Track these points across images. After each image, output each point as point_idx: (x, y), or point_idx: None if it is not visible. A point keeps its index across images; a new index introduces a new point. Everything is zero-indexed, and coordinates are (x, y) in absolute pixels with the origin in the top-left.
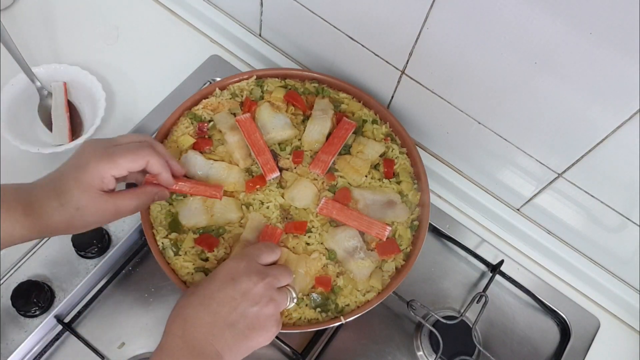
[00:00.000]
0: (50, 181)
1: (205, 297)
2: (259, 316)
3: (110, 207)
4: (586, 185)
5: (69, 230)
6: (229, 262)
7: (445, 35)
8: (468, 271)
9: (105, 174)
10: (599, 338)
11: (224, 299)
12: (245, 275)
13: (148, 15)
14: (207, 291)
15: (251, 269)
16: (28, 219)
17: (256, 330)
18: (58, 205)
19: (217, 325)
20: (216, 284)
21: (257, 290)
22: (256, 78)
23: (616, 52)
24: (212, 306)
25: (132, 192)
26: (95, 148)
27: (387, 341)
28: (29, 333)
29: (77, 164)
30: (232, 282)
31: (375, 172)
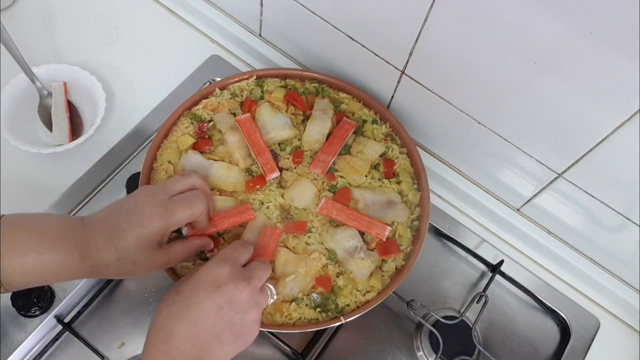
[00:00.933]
0: (108, 231)
1: (189, 307)
2: (243, 323)
3: (163, 261)
4: (586, 185)
5: (120, 277)
6: (211, 267)
7: (445, 35)
8: (468, 271)
9: (166, 231)
10: (599, 338)
11: (209, 309)
12: (231, 282)
13: (148, 15)
14: (190, 300)
15: (236, 275)
16: (84, 263)
17: (241, 337)
18: (116, 259)
19: (203, 338)
20: (200, 292)
21: (243, 297)
22: (256, 78)
23: (616, 52)
24: (198, 317)
25: (182, 245)
26: (154, 204)
27: (387, 341)
28: (29, 333)
29: (136, 221)
30: (218, 290)
31: (375, 172)
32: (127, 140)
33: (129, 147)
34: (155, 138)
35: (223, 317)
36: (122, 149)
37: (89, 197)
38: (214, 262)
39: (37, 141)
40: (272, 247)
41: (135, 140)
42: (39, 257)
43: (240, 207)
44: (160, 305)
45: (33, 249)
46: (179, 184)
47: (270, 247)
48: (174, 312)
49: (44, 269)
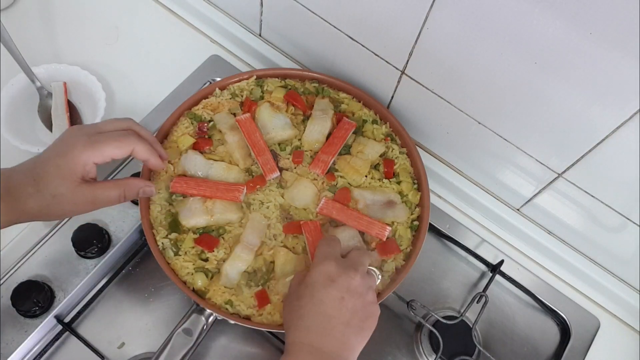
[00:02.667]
0: (31, 166)
1: (315, 305)
2: (365, 306)
3: (88, 196)
4: (586, 185)
5: (44, 217)
6: (318, 267)
7: (445, 35)
8: (468, 271)
9: (88, 161)
10: (599, 338)
11: (332, 302)
12: (343, 273)
13: (148, 15)
14: (314, 299)
15: (343, 266)
16: (4, 204)
17: (367, 319)
18: (34, 191)
19: (337, 329)
20: (320, 290)
21: (356, 283)
22: (256, 78)
23: (616, 52)
24: (326, 312)
25: (113, 183)
26: (78, 135)
27: (387, 341)
28: (29, 333)
29: (59, 151)
30: (334, 284)
31: (375, 172)
32: None
33: None
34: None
35: (347, 306)
36: None
37: None
38: (318, 262)
39: (37, 141)
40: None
41: None
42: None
43: (232, 185)
44: (287, 314)
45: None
46: (111, 124)
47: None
48: (304, 314)
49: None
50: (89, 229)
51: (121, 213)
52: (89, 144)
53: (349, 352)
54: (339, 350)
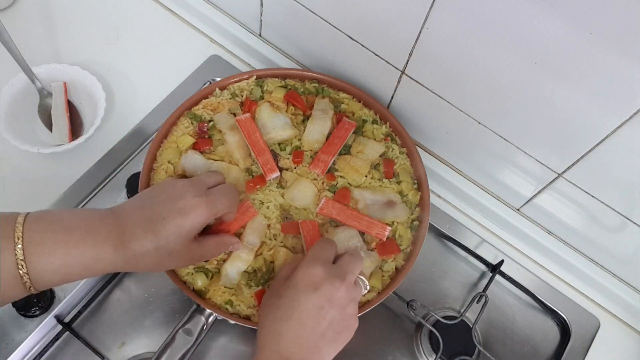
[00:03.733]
0: (146, 219)
1: (293, 310)
2: (344, 318)
3: (197, 254)
4: (586, 185)
5: (152, 270)
6: (304, 269)
7: (445, 35)
8: (468, 271)
9: (205, 222)
10: (599, 338)
11: (311, 310)
12: (327, 281)
13: (148, 15)
14: (293, 303)
15: (330, 273)
16: (118, 254)
17: (343, 332)
18: (154, 248)
19: (309, 338)
20: (300, 295)
21: (340, 294)
22: (256, 78)
23: (616, 52)
24: (302, 319)
25: (215, 241)
26: (195, 191)
27: (387, 341)
28: (29, 333)
29: (178, 209)
30: (316, 291)
31: (375, 172)
32: (127, 140)
33: (129, 147)
34: (155, 138)
35: (325, 316)
36: (122, 149)
37: (89, 197)
38: (307, 264)
39: (37, 141)
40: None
41: (135, 140)
42: (67, 252)
43: (242, 206)
44: (264, 310)
45: (61, 245)
46: (212, 178)
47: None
48: (279, 316)
49: (73, 264)
50: None
51: None
52: (208, 205)
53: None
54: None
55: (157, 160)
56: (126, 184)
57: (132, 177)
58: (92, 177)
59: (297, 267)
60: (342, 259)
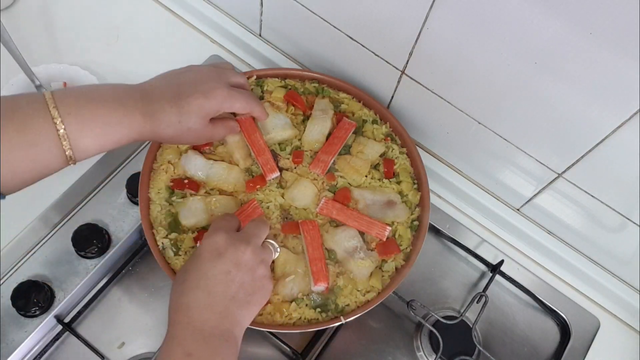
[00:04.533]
0: (174, 96)
1: (200, 280)
2: (254, 280)
3: (209, 133)
4: (586, 185)
5: (170, 142)
6: (207, 240)
7: (445, 35)
8: (468, 271)
9: (222, 109)
10: (599, 338)
11: (218, 275)
12: (232, 246)
13: (148, 15)
14: (199, 273)
15: (233, 239)
16: (145, 125)
17: (255, 294)
18: (177, 121)
19: (219, 303)
20: (205, 263)
21: (246, 257)
22: (256, 78)
23: (616, 52)
24: (209, 286)
25: (224, 124)
26: (219, 81)
27: (387, 341)
28: (29, 333)
29: (202, 90)
30: (221, 257)
31: (375, 172)
32: None
33: (129, 147)
34: None
35: (233, 280)
36: (122, 149)
37: (89, 197)
38: (208, 234)
39: None
40: (319, 238)
41: None
42: (106, 122)
43: (247, 207)
44: (173, 287)
45: (100, 116)
46: (236, 77)
47: (318, 239)
48: (187, 288)
49: (111, 132)
50: (89, 229)
51: (121, 213)
52: (228, 97)
53: (232, 326)
54: (221, 325)
55: (157, 160)
56: (126, 184)
57: (132, 177)
58: (92, 177)
59: (201, 241)
60: (247, 226)
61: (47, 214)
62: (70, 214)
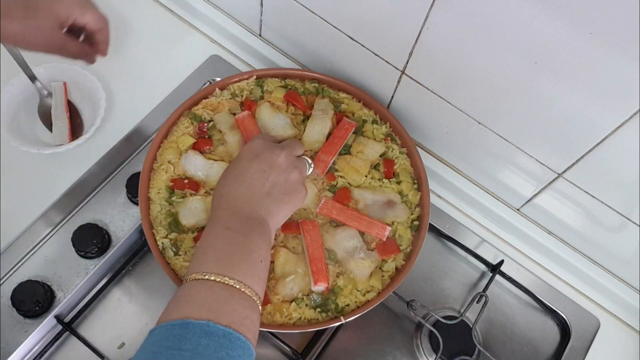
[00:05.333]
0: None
1: (238, 175)
2: (288, 182)
3: (59, 41)
4: (586, 185)
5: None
6: (246, 145)
7: (445, 35)
8: (468, 271)
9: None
10: (599, 338)
11: (255, 173)
12: (267, 150)
13: (148, 15)
14: (237, 170)
15: (270, 144)
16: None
17: (289, 194)
18: (22, 17)
19: (255, 196)
20: (244, 162)
21: (281, 160)
22: (256, 78)
23: (616, 52)
24: (246, 181)
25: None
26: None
27: (387, 341)
28: (29, 333)
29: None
30: (257, 158)
31: (375, 172)
32: (127, 140)
33: (129, 147)
34: (155, 138)
35: (268, 178)
36: (122, 149)
37: (89, 197)
38: (249, 141)
39: (37, 141)
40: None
41: (135, 140)
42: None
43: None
44: (218, 183)
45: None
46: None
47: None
48: (229, 183)
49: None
50: (89, 229)
51: (121, 213)
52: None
53: (267, 216)
54: (257, 213)
55: (157, 160)
56: (126, 184)
57: (132, 177)
58: (92, 177)
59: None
60: (285, 141)
61: (47, 214)
62: (70, 214)
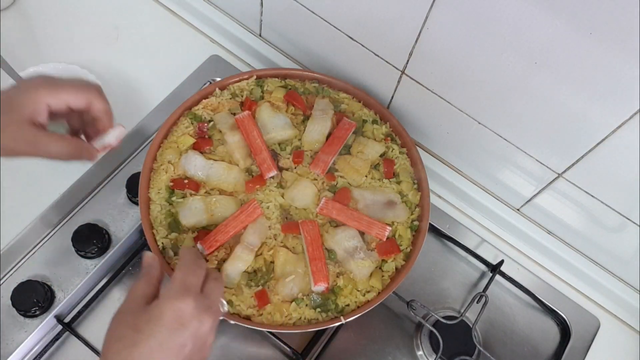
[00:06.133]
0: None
1: (153, 351)
2: (202, 348)
3: (30, 137)
4: (586, 185)
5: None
6: (174, 302)
7: (445, 35)
8: (468, 271)
9: (40, 100)
10: (599, 338)
11: (173, 349)
12: (196, 318)
13: (148, 15)
14: (153, 340)
15: (200, 308)
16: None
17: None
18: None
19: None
20: (163, 332)
21: (205, 328)
22: (256, 78)
23: (616, 52)
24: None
25: (59, 135)
26: (41, 77)
27: (387, 341)
28: (29, 333)
29: (16, 87)
30: (182, 328)
31: (375, 172)
32: (127, 140)
33: (129, 147)
34: (155, 138)
35: (185, 352)
36: (122, 149)
37: (89, 197)
38: (176, 295)
39: None
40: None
41: (135, 140)
42: None
43: (247, 206)
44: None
45: None
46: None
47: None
48: (136, 355)
49: None
50: (89, 229)
51: (121, 213)
52: (46, 84)
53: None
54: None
55: (157, 160)
56: (126, 184)
57: (132, 177)
58: (92, 177)
59: (164, 297)
60: (208, 286)
61: (47, 214)
62: (70, 214)
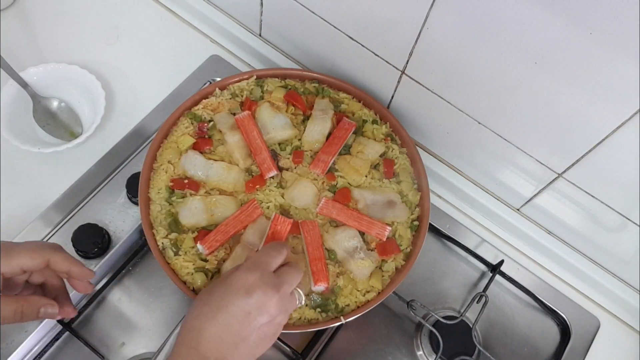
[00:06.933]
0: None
1: (219, 310)
2: (270, 327)
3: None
4: (586, 185)
5: None
6: (241, 272)
7: (445, 35)
8: (468, 271)
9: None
10: (599, 338)
11: (238, 313)
12: (260, 289)
13: (148, 15)
14: (220, 302)
15: (265, 281)
16: None
17: (265, 340)
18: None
19: (230, 340)
20: (229, 296)
21: (271, 304)
22: (256, 78)
23: (616, 52)
24: (226, 319)
25: (11, 298)
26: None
27: (387, 341)
28: (29, 333)
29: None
30: (247, 296)
31: (375, 172)
32: (127, 140)
33: (129, 147)
34: (155, 138)
35: (250, 323)
36: (122, 148)
37: (89, 197)
38: (246, 266)
39: (37, 141)
40: (319, 238)
41: (135, 140)
42: None
43: (247, 206)
44: (194, 303)
45: None
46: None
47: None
48: (205, 313)
49: None
50: (89, 229)
51: (121, 213)
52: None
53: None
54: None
55: (157, 160)
56: (126, 184)
57: (132, 177)
58: (92, 177)
59: (237, 267)
60: (282, 270)
61: (47, 214)
62: (70, 214)
